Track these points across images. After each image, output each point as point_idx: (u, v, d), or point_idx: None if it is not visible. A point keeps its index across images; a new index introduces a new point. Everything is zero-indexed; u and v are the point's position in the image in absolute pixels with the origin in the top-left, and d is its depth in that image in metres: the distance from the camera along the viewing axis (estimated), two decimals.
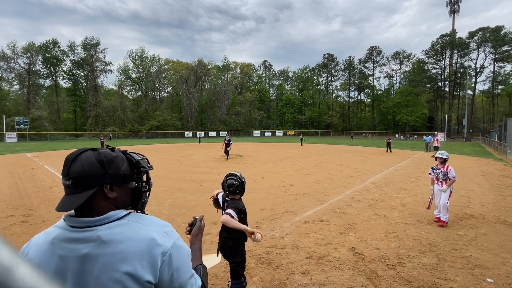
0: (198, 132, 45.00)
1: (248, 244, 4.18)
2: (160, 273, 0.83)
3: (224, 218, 2.43)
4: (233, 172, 2.70)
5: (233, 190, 2.56)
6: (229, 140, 15.95)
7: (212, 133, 58.63)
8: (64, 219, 0.87)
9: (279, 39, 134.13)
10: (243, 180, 2.65)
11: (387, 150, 21.16)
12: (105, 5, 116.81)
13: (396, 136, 53.16)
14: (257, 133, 62.44)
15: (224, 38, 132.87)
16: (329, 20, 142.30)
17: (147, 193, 1.02)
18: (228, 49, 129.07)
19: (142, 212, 0.99)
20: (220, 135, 57.29)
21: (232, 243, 2.58)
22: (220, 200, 2.70)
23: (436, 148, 17.90)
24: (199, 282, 0.94)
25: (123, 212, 0.88)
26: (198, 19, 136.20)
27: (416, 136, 49.78)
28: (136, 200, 0.97)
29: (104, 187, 0.87)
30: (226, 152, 15.74)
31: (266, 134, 62.79)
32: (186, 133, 56.10)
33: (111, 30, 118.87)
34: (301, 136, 31.12)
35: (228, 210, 2.49)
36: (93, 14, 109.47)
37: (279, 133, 63.51)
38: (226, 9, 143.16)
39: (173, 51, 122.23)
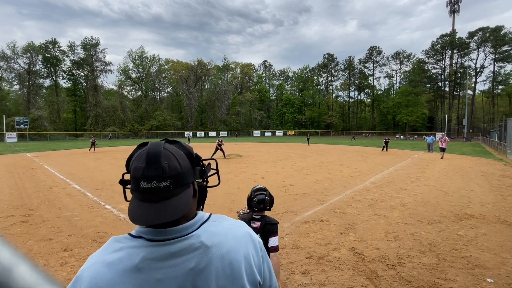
0: (186, 133, 44.87)
1: None
2: (264, 271, 0.78)
3: (277, 259, 2.11)
4: (259, 186, 2.43)
5: (264, 206, 2.29)
6: (221, 141, 17.28)
7: (212, 133, 58.63)
8: (140, 233, 0.71)
9: (294, 41, 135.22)
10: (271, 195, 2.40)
11: (383, 149, 21.89)
12: (129, 9, 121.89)
13: (397, 136, 53.17)
14: (257, 133, 62.43)
15: (241, 40, 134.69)
16: (344, 23, 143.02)
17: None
18: (242, 51, 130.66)
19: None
20: (220, 135, 57.38)
21: None
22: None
23: (443, 150, 16.84)
24: None
25: (205, 213, 0.79)
26: (219, 22, 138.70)
27: (416, 136, 49.77)
28: (202, 198, 0.85)
29: (193, 184, 0.77)
30: (222, 151, 16.79)
31: (266, 134, 62.78)
32: (186, 133, 56.13)
33: (130, 33, 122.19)
34: (307, 136, 31.53)
35: (277, 242, 2.19)
36: (116, 17, 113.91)
37: (279, 133, 63.50)
38: (247, 12, 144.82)
39: (188, 53, 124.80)
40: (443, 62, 59.66)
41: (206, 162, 0.85)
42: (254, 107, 71.63)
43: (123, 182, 0.77)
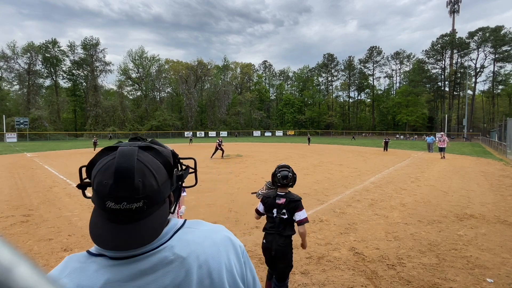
0: (186, 132, 44.86)
1: (248, 244, 4.18)
2: (247, 278, 0.70)
3: (304, 230, 2.40)
4: (283, 163, 2.70)
5: (287, 182, 2.53)
6: (221, 141, 17.12)
7: (212, 133, 58.66)
8: (101, 250, 0.60)
9: (294, 41, 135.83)
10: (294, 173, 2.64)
11: (384, 149, 21.89)
12: (129, 9, 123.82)
13: (397, 136, 53.18)
14: (257, 133, 62.44)
15: (241, 40, 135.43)
16: (344, 23, 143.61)
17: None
18: (242, 51, 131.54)
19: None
20: (220, 135, 57.40)
21: (290, 244, 2.48)
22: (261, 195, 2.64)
23: (442, 150, 16.44)
24: None
25: (178, 219, 0.70)
26: (219, 22, 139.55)
27: (416, 136, 49.79)
28: (175, 199, 0.75)
29: (169, 195, 0.67)
30: (221, 151, 16.58)
31: (266, 134, 62.79)
32: (186, 133, 56.15)
33: (130, 33, 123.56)
34: (308, 136, 31.34)
35: (304, 215, 2.43)
36: (116, 17, 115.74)
37: (279, 133, 63.53)
38: (248, 12, 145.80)
39: (188, 53, 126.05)
40: (443, 62, 59.71)
41: (186, 163, 0.76)
42: (254, 107, 71.64)
43: (82, 186, 0.64)
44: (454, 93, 59.20)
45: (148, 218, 0.59)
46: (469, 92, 55.51)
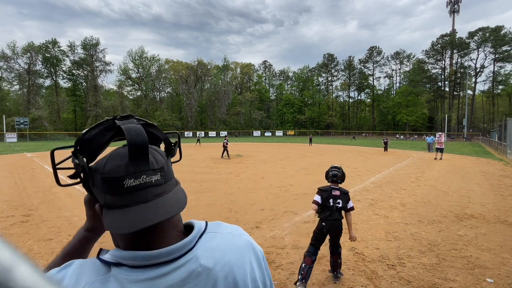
0: (198, 132, 44.93)
1: None
2: (266, 283, 0.67)
3: (351, 217, 3.37)
4: (335, 164, 3.51)
5: (336, 179, 3.30)
6: (227, 140, 17.18)
7: (212, 133, 58.67)
8: (119, 258, 0.53)
9: (294, 41, 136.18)
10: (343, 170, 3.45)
11: (384, 150, 21.93)
12: (129, 9, 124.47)
13: (396, 136, 53.18)
14: (257, 133, 62.43)
15: (241, 40, 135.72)
16: (344, 23, 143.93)
17: None
18: (242, 51, 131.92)
19: None
20: (220, 135, 57.38)
21: (342, 224, 3.24)
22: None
23: (439, 150, 15.99)
24: None
25: (201, 222, 0.65)
26: (219, 22, 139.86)
27: (416, 136, 49.78)
28: None
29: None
30: (226, 150, 16.62)
31: (266, 134, 62.79)
32: (186, 133, 56.14)
33: (130, 33, 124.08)
34: (310, 136, 31.30)
35: (352, 204, 3.33)
36: (116, 17, 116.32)
37: (279, 133, 63.52)
38: (248, 12, 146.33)
39: (188, 53, 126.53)
40: (443, 62, 59.69)
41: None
42: (254, 107, 71.61)
43: (75, 174, 0.61)
44: (454, 93, 59.17)
45: (168, 193, 0.57)
46: (469, 92, 55.52)
